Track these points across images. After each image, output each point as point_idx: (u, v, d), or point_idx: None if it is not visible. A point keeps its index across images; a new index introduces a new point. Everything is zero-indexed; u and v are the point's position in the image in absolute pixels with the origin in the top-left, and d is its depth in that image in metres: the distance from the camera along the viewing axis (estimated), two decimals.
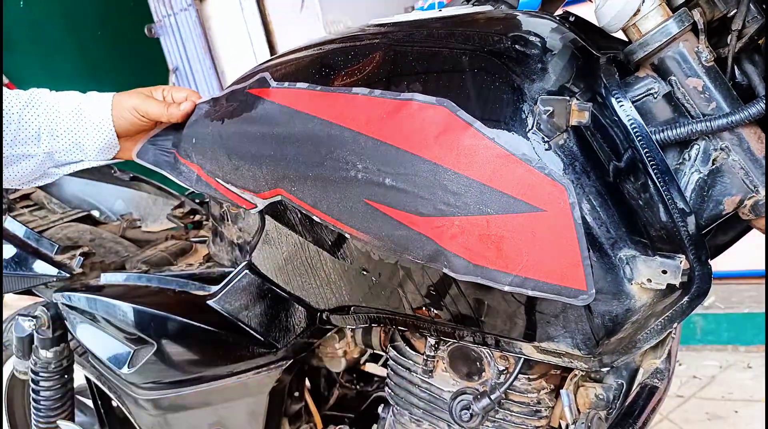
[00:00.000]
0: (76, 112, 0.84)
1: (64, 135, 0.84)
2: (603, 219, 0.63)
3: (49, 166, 0.86)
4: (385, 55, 0.71)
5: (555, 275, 0.62)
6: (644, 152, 0.66)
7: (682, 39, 0.67)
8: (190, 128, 0.84)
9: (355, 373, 1.22)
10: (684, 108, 0.69)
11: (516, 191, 0.62)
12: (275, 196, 0.77)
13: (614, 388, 0.76)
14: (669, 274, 0.62)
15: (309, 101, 0.74)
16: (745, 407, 1.92)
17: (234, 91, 0.81)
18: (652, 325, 0.69)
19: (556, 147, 0.63)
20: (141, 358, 1.01)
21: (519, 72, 0.65)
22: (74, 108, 0.84)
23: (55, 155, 0.85)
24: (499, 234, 0.63)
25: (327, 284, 0.84)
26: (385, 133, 0.68)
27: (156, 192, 1.52)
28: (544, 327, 0.68)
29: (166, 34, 2.72)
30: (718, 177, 0.69)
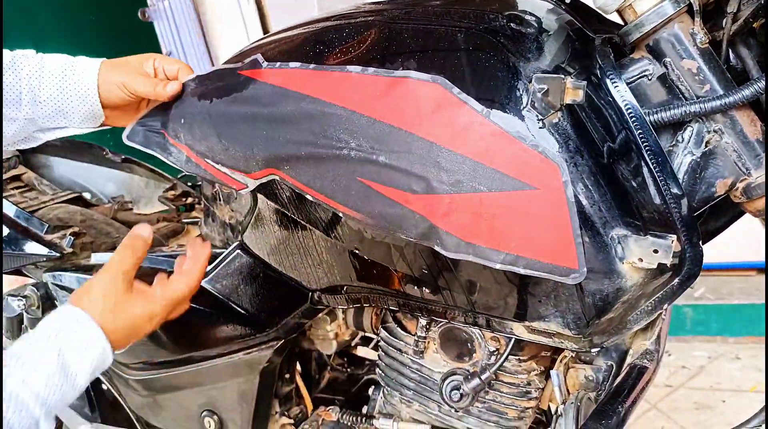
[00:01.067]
0: (60, 78, 0.80)
1: (47, 101, 0.80)
2: (596, 198, 0.63)
3: (33, 130, 0.84)
4: (380, 33, 0.71)
5: (547, 254, 0.62)
6: (638, 134, 0.66)
7: (677, 20, 0.67)
8: (178, 108, 0.83)
9: (346, 357, 1.22)
10: (678, 90, 0.69)
11: (509, 169, 0.62)
12: (268, 176, 0.77)
13: (604, 370, 0.77)
14: (660, 254, 0.62)
15: (302, 80, 0.73)
16: (732, 397, 1.94)
17: (224, 71, 0.80)
18: (642, 306, 0.69)
19: (550, 125, 0.63)
20: None
21: (514, 51, 0.65)
22: (59, 73, 0.80)
23: (37, 121, 0.82)
24: (492, 212, 0.63)
25: (319, 264, 0.84)
26: (378, 111, 0.67)
27: (148, 174, 1.51)
28: (535, 306, 0.69)
29: (160, 18, 2.69)
30: (710, 159, 0.69)
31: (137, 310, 0.73)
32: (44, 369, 0.64)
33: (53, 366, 0.65)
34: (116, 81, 0.81)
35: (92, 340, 0.69)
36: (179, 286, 0.78)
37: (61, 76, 0.81)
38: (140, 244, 0.76)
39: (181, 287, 0.78)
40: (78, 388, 0.67)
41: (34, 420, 0.63)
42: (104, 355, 0.70)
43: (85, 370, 0.68)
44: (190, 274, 0.79)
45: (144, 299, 0.74)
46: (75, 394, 0.68)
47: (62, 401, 0.66)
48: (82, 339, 0.68)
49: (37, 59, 0.81)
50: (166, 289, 0.77)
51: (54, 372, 0.65)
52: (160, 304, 0.75)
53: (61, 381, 0.65)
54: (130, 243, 0.76)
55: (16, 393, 0.62)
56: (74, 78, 0.81)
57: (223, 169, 0.80)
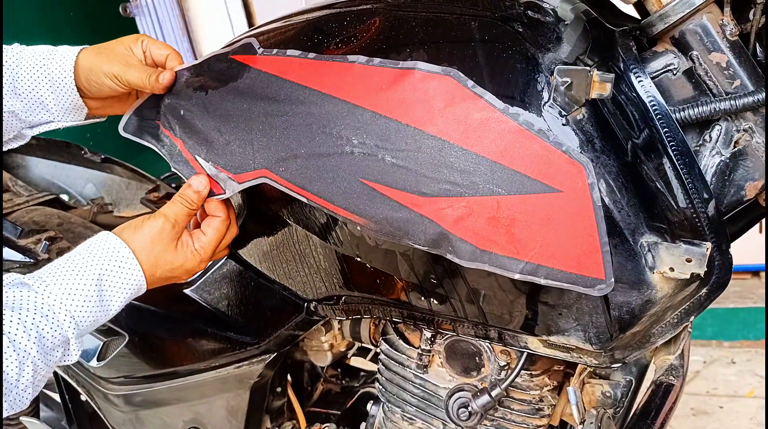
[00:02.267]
0: (37, 68, 0.75)
1: (25, 93, 0.75)
2: (623, 202, 0.58)
3: (20, 126, 0.79)
4: (385, 21, 0.65)
5: (571, 263, 0.57)
6: (664, 132, 0.61)
7: (705, 11, 0.63)
8: (174, 99, 0.77)
9: (340, 368, 1.16)
10: (705, 86, 0.64)
11: (530, 170, 0.56)
12: (258, 178, 0.70)
13: (622, 386, 0.72)
14: (694, 263, 0.57)
15: (299, 70, 0.67)
16: (729, 403, 1.91)
17: (217, 57, 0.74)
18: (667, 318, 0.64)
19: (574, 122, 0.58)
20: (111, 351, 0.94)
21: (533, 41, 0.60)
22: (36, 63, 0.75)
23: (19, 114, 0.77)
24: (511, 216, 0.57)
25: (316, 272, 0.78)
26: (384, 106, 0.62)
27: (129, 175, 1.44)
28: (554, 319, 0.63)
29: (142, 14, 2.61)
30: (740, 160, 0.64)
31: (178, 262, 0.73)
32: (82, 292, 0.66)
33: (92, 290, 0.66)
34: (108, 73, 0.75)
35: (132, 277, 0.70)
36: (210, 236, 0.75)
37: (38, 66, 0.76)
38: (195, 198, 0.74)
39: (212, 237, 0.75)
40: (109, 316, 0.70)
41: (64, 339, 0.64)
42: (139, 292, 0.72)
43: (119, 303, 0.70)
44: (214, 220, 0.75)
45: (185, 254, 0.73)
46: (105, 320, 0.69)
47: (93, 326, 0.68)
48: (123, 274, 0.69)
49: (16, 50, 0.77)
50: (203, 244, 0.75)
51: (91, 296, 0.66)
52: (198, 259, 0.74)
53: (96, 307, 0.67)
54: (186, 196, 0.74)
55: (54, 311, 0.63)
56: (50, 68, 0.75)
57: (211, 168, 0.74)
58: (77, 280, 0.66)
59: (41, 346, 0.62)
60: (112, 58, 0.76)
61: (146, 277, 0.71)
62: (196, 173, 0.74)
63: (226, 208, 0.76)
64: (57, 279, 0.65)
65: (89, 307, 0.66)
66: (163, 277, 0.73)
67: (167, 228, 0.72)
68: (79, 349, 0.67)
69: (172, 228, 0.72)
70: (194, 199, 0.74)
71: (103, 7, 2.80)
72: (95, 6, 2.92)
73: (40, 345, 0.62)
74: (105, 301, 0.68)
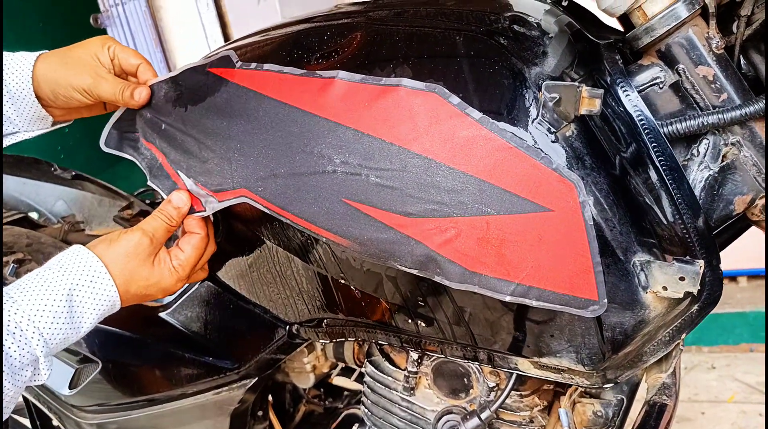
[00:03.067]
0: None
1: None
2: (614, 220, 0.57)
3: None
4: (366, 36, 0.63)
5: (563, 284, 0.55)
6: (652, 147, 0.60)
7: (691, 24, 0.62)
8: (152, 113, 0.74)
9: (323, 388, 1.13)
10: (692, 99, 0.63)
11: (520, 188, 0.55)
12: (238, 197, 0.68)
13: (614, 405, 0.70)
14: (687, 282, 0.56)
15: (278, 86, 0.65)
16: (711, 408, 1.92)
17: (194, 69, 0.71)
18: (660, 337, 0.63)
19: (563, 139, 0.57)
20: (84, 378, 0.90)
21: (519, 55, 0.58)
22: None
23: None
24: (501, 237, 0.55)
25: (298, 294, 0.75)
26: (367, 124, 0.59)
27: (101, 191, 1.39)
28: (546, 341, 0.61)
29: (114, 25, 2.55)
30: (728, 174, 0.64)
31: (154, 279, 0.70)
32: (51, 308, 0.62)
33: (62, 306, 0.63)
34: (75, 85, 0.72)
35: (105, 292, 0.66)
36: (188, 254, 0.72)
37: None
38: (174, 214, 0.71)
39: (190, 254, 0.72)
40: (81, 334, 0.66)
41: (33, 358, 0.61)
42: (112, 309, 0.68)
43: (91, 320, 0.66)
44: (193, 237, 0.73)
45: (162, 271, 0.70)
46: (76, 338, 0.66)
47: (63, 344, 0.64)
48: (95, 289, 0.66)
49: None
50: (181, 262, 0.72)
51: (60, 313, 0.63)
52: (176, 277, 0.71)
53: (66, 324, 0.63)
54: (165, 212, 0.71)
55: (21, 328, 0.60)
56: (6, 79, 0.71)
57: (192, 185, 0.71)
58: (46, 296, 0.62)
59: (9, 365, 0.59)
60: (80, 69, 0.72)
61: (120, 293, 0.68)
62: (178, 189, 0.72)
63: (205, 225, 0.73)
64: (25, 295, 0.62)
65: (59, 324, 0.62)
66: (138, 293, 0.70)
67: (144, 242, 0.69)
68: (48, 368, 0.63)
69: (150, 243, 0.69)
70: (174, 216, 0.71)
71: (74, 17, 2.74)
72: (66, 16, 2.86)
73: (8, 364, 0.58)
74: (76, 317, 0.64)
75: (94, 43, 0.75)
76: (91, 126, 0.79)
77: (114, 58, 0.74)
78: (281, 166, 0.64)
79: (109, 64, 0.74)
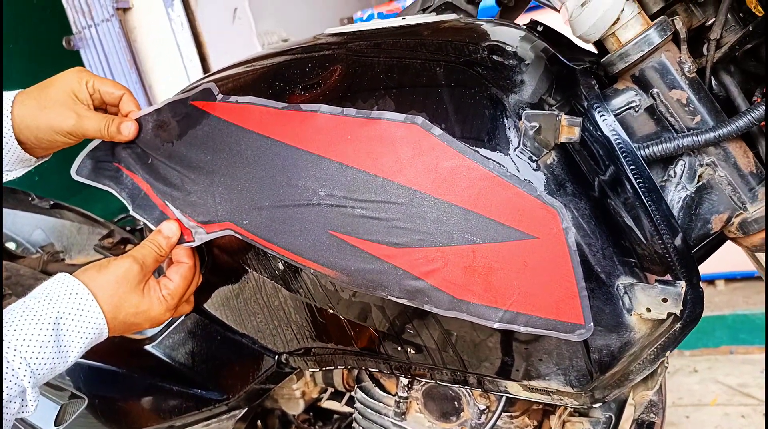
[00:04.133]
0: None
1: None
2: (598, 245, 0.58)
3: None
4: (348, 67, 0.64)
5: (549, 309, 0.56)
6: (630, 169, 0.61)
7: (663, 49, 0.64)
8: (136, 146, 0.74)
9: (312, 412, 1.12)
10: (668, 122, 0.65)
11: (504, 217, 0.56)
12: (224, 230, 0.68)
13: (602, 423, 0.71)
14: (670, 303, 0.57)
15: (260, 119, 0.65)
16: (695, 412, 1.95)
17: (177, 101, 0.71)
18: (645, 356, 0.64)
19: (545, 166, 0.58)
20: (70, 414, 0.88)
21: (498, 84, 0.59)
22: None
23: None
24: (487, 265, 0.56)
25: (287, 324, 0.75)
26: (351, 157, 0.60)
27: (80, 220, 1.38)
28: (534, 365, 0.62)
29: (87, 46, 2.53)
30: (705, 194, 0.65)
31: (143, 306, 0.69)
32: (38, 337, 0.61)
33: (48, 336, 0.61)
34: (58, 129, 0.70)
35: (92, 320, 0.65)
36: (176, 283, 0.72)
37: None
38: (164, 244, 0.71)
39: (178, 284, 0.72)
40: (68, 364, 0.64)
41: (21, 389, 0.59)
42: (99, 338, 0.67)
43: (79, 348, 0.64)
44: (181, 267, 0.72)
45: (151, 299, 0.70)
46: (64, 368, 0.65)
47: (51, 374, 0.63)
48: (82, 317, 0.64)
49: None
50: (170, 291, 0.71)
51: (47, 342, 0.61)
52: (165, 306, 0.71)
53: (53, 353, 0.62)
54: (155, 241, 0.71)
55: (8, 359, 0.58)
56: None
57: (180, 215, 0.71)
58: (32, 325, 0.61)
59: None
60: (59, 111, 0.71)
61: (107, 321, 0.66)
62: (168, 219, 0.71)
63: (192, 255, 0.73)
64: (11, 324, 0.60)
65: (46, 353, 0.61)
66: (126, 321, 0.69)
67: (135, 269, 0.69)
68: (36, 399, 0.62)
69: (140, 270, 0.69)
70: (164, 245, 0.71)
71: (46, 38, 2.71)
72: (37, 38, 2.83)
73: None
74: (63, 346, 0.63)
75: (69, 80, 0.73)
76: (64, 150, 0.78)
77: (94, 93, 0.74)
78: (265, 199, 0.64)
79: (88, 100, 0.73)
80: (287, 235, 0.63)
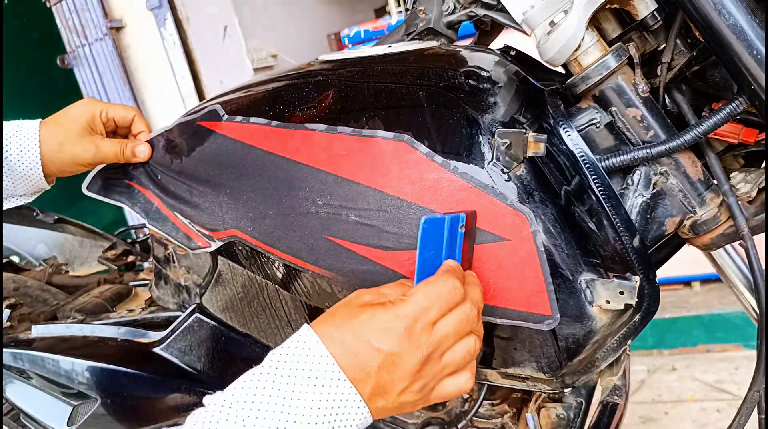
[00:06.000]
0: (8, 171, 0.75)
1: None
2: (562, 245, 0.66)
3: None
4: (340, 92, 0.72)
5: (522, 302, 0.64)
6: (592, 179, 0.69)
7: (620, 72, 0.71)
8: (153, 162, 0.81)
9: None
10: (625, 136, 0.73)
11: (481, 222, 0.63)
12: (230, 236, 0.75)
13: (574, 407, 0.79)
14: (626, 295, 0.65)
15: (264, 137, 0.73)
16: (674, 408, 2.03)
17: (186, 123, 0.79)
18: (608, 344, 0.72)
19: (515, 178, 0.65)
20: (83, 415, 0.94)
21: (474, 106, 0.67)
22: (7, 165, 0.74)
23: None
24: None
25: (287, 324, 0.82)
26: (346, 170, 0.68)
27: (83, 233, 1.44)
28: (510, 353, 0.70)
29: (81, 65, 2.60)
30: (659, 200, 0.73)
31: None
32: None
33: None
34: (81, 162, 0.77)
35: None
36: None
37: (8, 168, 0.75)
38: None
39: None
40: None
41: None
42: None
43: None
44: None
45: None
46: None
47: None
48: None
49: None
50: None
51: None
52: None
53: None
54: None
55: None
56: (13, 155, 0.75)
57: (191, 225, 0.78)
58: None
59: None
60: (80, 145, 0.76)
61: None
62: (175, 226, 0.77)
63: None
64: None
65: None
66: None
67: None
68: None
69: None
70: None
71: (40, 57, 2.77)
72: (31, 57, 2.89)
73: None
74: None
75: (83, 112, 0.78)
76: None
77: (107, 121, 0.80)
78: (269, 208, 0.71)
79: (102, 129, 0.79)
80: (288, 241, 0.71)
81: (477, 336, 0.55)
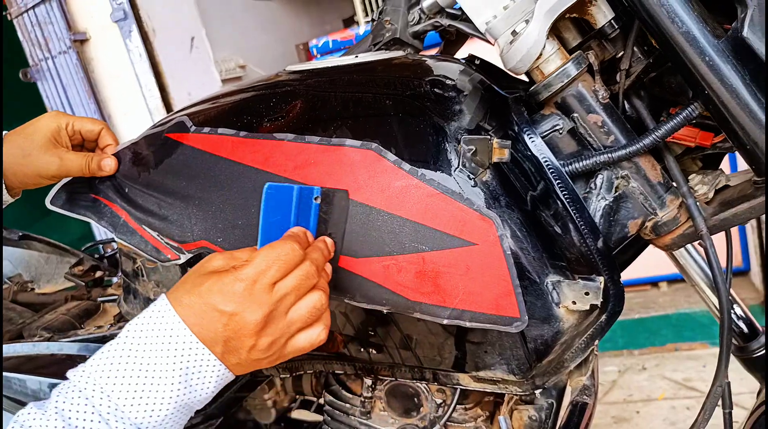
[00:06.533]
0: None
1: None
2: (529, 249, 0.67)
3: None
4: (308, 102, 0.72)
5: (490, 305, 0.65)
6: (557, 183, 0.70)
7: (580, 79, 0.73)
8: (119, 175, 0.80)
9: (283, 422, 1.18)
10: (587, 141, 0.75)
11: (448, 227, 0.64)
12: (200, 248, 0.75)
13: (545, 408, 0.80)
14: (591, 295, 0.67)
15: (232, 148, 0.72)
16: (645, 407, 2.07)
17: (153, 135, 0.78)
18: (576, 345, 0.73)
19: (481, 183, 0.67)
20: None
21: (440, 114, 0.68)
22: None
23: None
24: (435, 270, 0.65)
25: None
26: (314, 178, 0.68)
27: (48, 249, 1.41)
28: (481, 356, 0.71)
29: (44, 78, 2.55)
30: (621, 202, 0.75)
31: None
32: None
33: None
34: (44, 174, 0.75)
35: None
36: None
37: None
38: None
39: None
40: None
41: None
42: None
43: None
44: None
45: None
46: None
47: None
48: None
49: None
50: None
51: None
52: None
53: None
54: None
55: None
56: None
57: (160, 238, 0.77)
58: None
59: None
60: (44, 158, 0.75)
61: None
62: (143, 239, 0.77)
63: None
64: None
65: None
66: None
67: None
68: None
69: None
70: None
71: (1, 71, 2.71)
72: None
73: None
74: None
75: (48, 125, 0.76)
76: None
77: (74, 134, 0.78)
78: (239, 218, 0.71)
79: (67, 141, 0.78)
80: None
81: (322, 291, 0.59)
